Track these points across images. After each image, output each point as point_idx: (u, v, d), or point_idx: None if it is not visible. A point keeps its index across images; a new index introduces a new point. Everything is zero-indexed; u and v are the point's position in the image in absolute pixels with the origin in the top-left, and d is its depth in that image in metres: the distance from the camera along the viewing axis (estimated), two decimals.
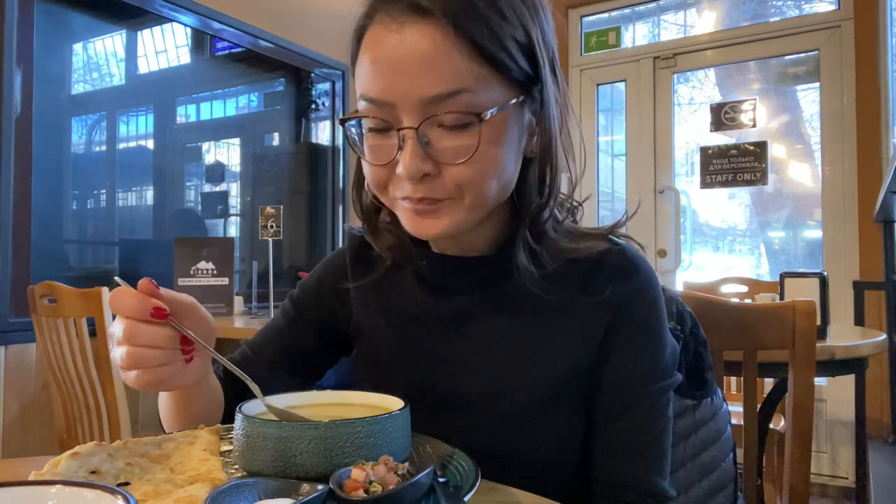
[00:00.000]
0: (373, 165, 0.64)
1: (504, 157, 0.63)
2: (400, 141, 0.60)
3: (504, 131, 0.62)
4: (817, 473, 3.10)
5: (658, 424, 0.69)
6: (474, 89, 0.59)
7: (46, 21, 2.41)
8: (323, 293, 0.81)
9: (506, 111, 0.61)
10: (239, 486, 0.46)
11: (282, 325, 0.82)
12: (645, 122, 3.65)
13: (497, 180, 0.63)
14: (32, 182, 2.28)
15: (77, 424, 1.96)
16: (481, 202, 0.64)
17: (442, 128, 0.60)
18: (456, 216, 0.63)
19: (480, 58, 0.58)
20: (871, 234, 2.96)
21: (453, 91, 0.58)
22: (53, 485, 0.44)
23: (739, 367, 1.18)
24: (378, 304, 0.77)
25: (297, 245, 3.61)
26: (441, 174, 0.61)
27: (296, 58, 3.38)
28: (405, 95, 0.59)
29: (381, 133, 0.62)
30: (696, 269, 3.62)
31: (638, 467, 0.67)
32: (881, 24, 3.03)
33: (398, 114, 0.60)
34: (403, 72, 0.58)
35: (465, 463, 0.56)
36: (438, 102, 0.58)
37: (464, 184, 0.61)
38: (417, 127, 0.59)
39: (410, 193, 0.62)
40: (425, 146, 0.60)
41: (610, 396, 0.69)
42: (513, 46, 0.60)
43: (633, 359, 0.69)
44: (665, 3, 3.69)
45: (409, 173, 0.60)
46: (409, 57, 0.58)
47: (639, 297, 0.69)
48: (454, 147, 0.60)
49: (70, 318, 1.85)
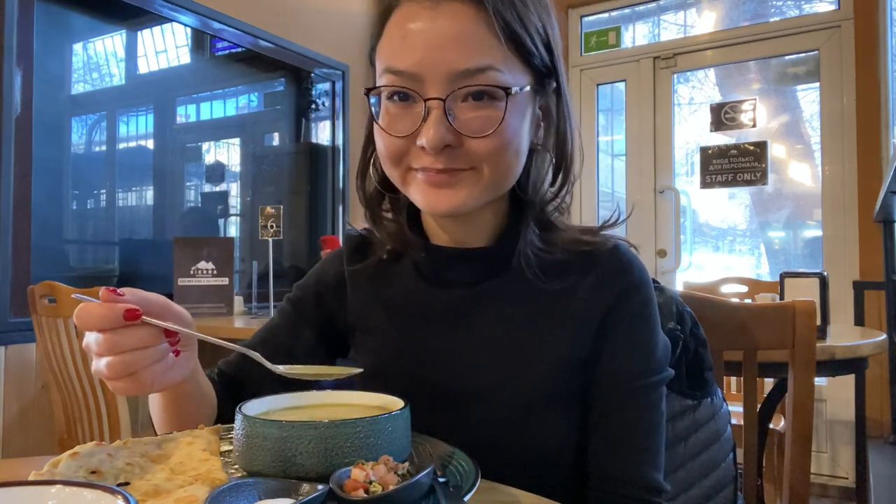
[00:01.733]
0: (392, 137, 0.65)
1: (522, 137, 0.66)
2: (425, 112, 0.62)
3: (523, 112, 0.65)
4: (817, 473, 3.10)
5: (652, 419, 0.69)
6: (500, 68, 0.62)
7: (46, 21, 2.41)
8: (321, 292, 0.81)
9: (526, 92, 0.65)
10: (239, 486, 0.46)
11: (280, 325, 0.82)
12: (645, 122, 3.65)
13: (515, 159, 0.66)
14: (32, 182, 2.28)
15: (77, 424, 1.96)
16: (498, 178, 0.66)
17: (467, 102, 0.63)
18: (474, 190, 0.65)
19: (508, 39, 0.62)
20: (871, 234, 2.96)
21: (482, 67, 0.61)
22: (53, 485, 0.44)
23: (739, 367, 1.18)
24: (376, 298, 0.77)
25: (297, 245, 3.60)
26: (462, 146, 0.63)
27: (296, 58, 3.38)
28: (435, 68, 0.61)
29: (405, 104, 0.64)
30: (696, 269, 3.62)
31: (632, 461, 0.68)
32: (881, 24, 3.03)
33: (425, 86, 0.62)
34: (436, 45, 0.61)
35: (465, 463, 0.56)
36: (466, 77, 0.61)
37: (485, 156, 0.63)
38: (445, 98, 0.61)
39: (430, 164, 0.64)
40: (451, 118, 0.62)
41: (604, 391, 0.70)
42: (536, 33, 0.64)
43: (627, 353, 0.69)
44: (665, 3, 3.69)
45: (433, 142, 0.62)
46: (442, 31, 0.61)
47: (633, 292, 0.70)
48: (479, 120, 0.62)
49: (70, 318, 1.85)
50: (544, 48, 0.66)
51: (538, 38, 0.65)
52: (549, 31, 0.67)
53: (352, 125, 3.69)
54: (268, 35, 3.16)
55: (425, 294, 0.74)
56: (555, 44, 0.68)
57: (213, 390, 0.73)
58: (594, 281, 0.70)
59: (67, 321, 1.85)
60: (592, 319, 0.70)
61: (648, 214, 3.61)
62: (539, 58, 0.65)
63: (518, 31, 0.62)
